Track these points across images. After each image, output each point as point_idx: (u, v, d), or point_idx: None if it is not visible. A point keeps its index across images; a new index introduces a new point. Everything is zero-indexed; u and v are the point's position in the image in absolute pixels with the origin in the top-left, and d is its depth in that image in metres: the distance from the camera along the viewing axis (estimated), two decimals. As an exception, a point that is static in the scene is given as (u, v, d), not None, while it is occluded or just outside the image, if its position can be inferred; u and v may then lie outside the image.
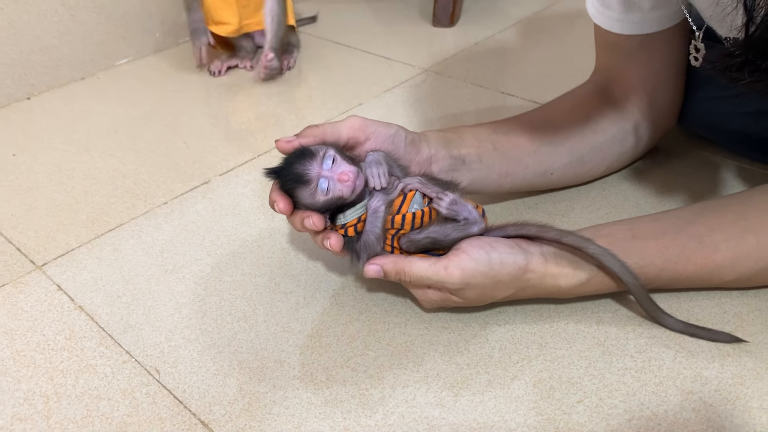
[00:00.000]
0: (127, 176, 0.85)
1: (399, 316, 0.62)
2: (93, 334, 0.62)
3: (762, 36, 0.45)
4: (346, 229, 0.57)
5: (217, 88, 1.08)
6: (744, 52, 0.46)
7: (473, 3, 1.34)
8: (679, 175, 0.78)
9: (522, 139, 0.71)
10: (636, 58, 0.72)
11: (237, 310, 0.64)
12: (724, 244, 0.58)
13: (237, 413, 0.54)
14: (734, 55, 0.47)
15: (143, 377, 0.57)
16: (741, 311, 0.60)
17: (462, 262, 0.55)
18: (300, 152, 0.57)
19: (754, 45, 0.46)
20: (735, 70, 0.47)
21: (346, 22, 1.29)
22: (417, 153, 0.64)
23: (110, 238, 0.74)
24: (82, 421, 0.54)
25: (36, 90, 1.07)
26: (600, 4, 0.72)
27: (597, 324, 0.60)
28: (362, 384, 0.56)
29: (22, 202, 0.82)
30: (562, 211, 0.74)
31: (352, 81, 1.06)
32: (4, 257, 0.72)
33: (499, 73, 1.06)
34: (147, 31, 1.17)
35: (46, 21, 1.05)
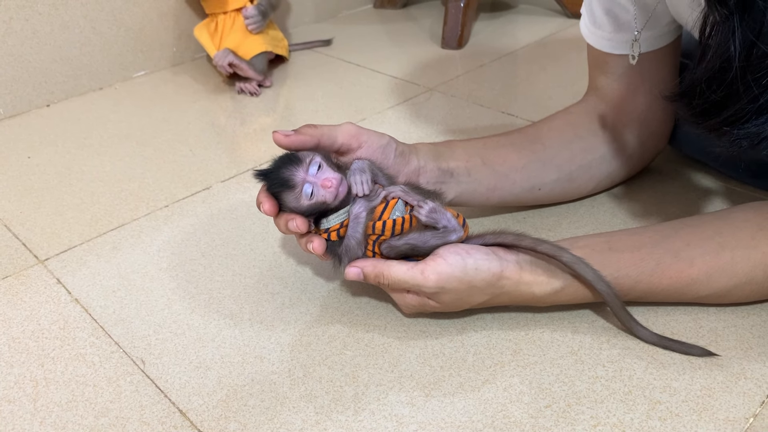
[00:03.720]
0: (132, 180, 0.89)
1: (379, 320, 0.63)
2: (86, 326, 0.64)
3: (698, 75, 0.48)
4: (329, 233, 0.59)
5: (227, 100, 1.11)
6: (686, 88, 0.49)
7: (483, 26, 1.37)
8: (669, 194, 0.79)
9: (511, 155, 0.73)
10: (627, 77, 0.74)
11: (224, 308, 0.66)
12: (700, 259, 0.58)
13: (214, 404, 0.55)
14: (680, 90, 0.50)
15: (129, 367, 0.60)
16: (717, 327, 0.60)
17: (438, 267, 0.57)
18: (288, 157, 0.59)
19: (694, 82, 0.48)
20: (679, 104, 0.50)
21: (360, 43, 1.32)
22: (406, 164, 0.66)
23: (111, 237, 0.77)
24: (66, 405, 0.56)
25: (55, 98, 1.12)
26: (591, 24, 0.74)
27: (572, 333, 0.61)
28: (337, 381, 0.57)
29: (31, 200, 0.85)
30: (549, 225, 0.75)
31: (357, 97, 1.09)
32: (9, 251, 0.76)
33: (501, 93, 1.09)
34: (164, 45, 1.22)
35: (67, 32, 1.10)
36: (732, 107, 0.47)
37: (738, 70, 0.45)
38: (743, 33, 0.44)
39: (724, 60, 0.46)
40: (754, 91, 0.45)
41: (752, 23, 0.44)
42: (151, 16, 1.18)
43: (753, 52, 0.44)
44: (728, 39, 0.45)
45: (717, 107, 0.48)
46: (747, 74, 0.45)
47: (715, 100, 0.48)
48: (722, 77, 0.46)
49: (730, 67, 0.45)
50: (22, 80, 1.07)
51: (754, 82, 0.45)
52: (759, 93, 0.45)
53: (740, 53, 0.45)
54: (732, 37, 0.45)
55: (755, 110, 0.46)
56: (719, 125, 0.48)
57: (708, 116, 0.49)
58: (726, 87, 0.46)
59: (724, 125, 0.48)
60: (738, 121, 0.47)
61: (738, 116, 0.47)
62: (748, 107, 0.46)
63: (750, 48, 0.44)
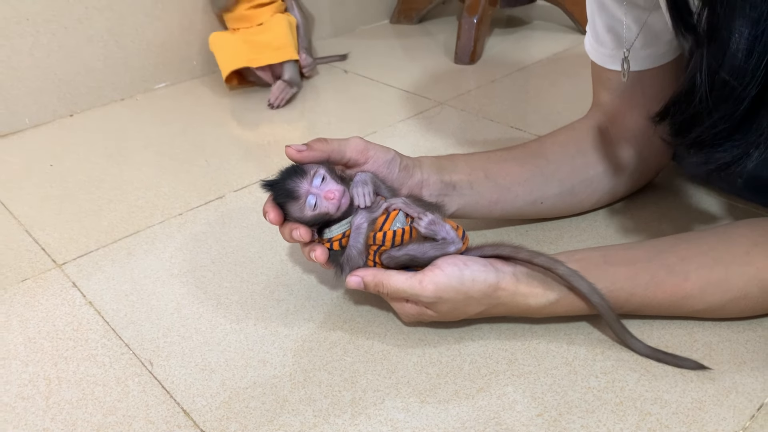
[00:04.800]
0: (149, 188, 0.92)
1: (380, 327, 0.65)
2: (98, 328, 0.67)
3: (672, 97, 0.50)
4: (331, 242, 0.61)
5: (243, 112, 1.14)
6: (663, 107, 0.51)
7: (498, 42, 1.39)
8: (671, 210, 0.80)
9: (514, 169, 0.75)
10: (629, 94, 0.75)
11: (231, 313, 0.68)
12: (694, 274, 0.60)
13: (217, 405, 0.58)
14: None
15: (137, 368, 0.62)
16: (711, 341, 0.61)
17: (436, 277, 0.58)
18: (293, 169, 0.62)
19: (668, 103, 0.50)
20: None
21: (375, 57, 1.35)
22: (410, 177, 0.68)
23: (126, 243, 0.80)
24: (77, 403, 0.59)
25: (78, 108, 1.16)
26: (594, 41, 0.75)
27: (568, 344, 0.62)
28: (336, 386, 0.59)
29: (51, 207, 0.89)
30: (551, 239, 0.77)
31: (370, 111, 1.12)
32: (29, 255, 0.79)
33: (511, 108, 1.10)
34: (185, 58, 1.26)
35: (92, 46, 1.14)
36: (696, 130, 0.49)
37: (703, 95, 0.47)
38: (708, 61, 0.46)
39: (691, 84, 0.48)
40: (714, 117, 0.47)
41: (716, 52, 0.46)
42: (172, 30, 1.22)
43: (716, 79, 0.46)
44: (696, 65, 0.47)
45: (686, 129, 0.50)
46: (709, 100, 0.47)
47: (682, 121, 0.50)
48: (689, 100, 0.49)
49: (695, 91, 0.47)
50: (47, 91, 1.12)
51: (715, 109, 0.47)
52: (717, 119, 0.47)
53: (705, 79, 0.47)
54: (699, 63, 0.47)
55: (715, 136, 0.48)
56: (689, 146, 0.51)
57: (679, 136, 0.51)
58: (692, 110, 0.49)
59: (691, 147, 0.50)
60: (703, 144, 0.49)
61: (702, 139, 0.49)
62: (710, 132, 0.48)
63: (713, 75, 0.46)
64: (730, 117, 0.49)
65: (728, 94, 0.48)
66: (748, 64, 0.46)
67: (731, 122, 0.49)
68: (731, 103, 0.48)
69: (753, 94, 0.47)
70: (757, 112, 0.48)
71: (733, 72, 0.47)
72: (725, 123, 0.49)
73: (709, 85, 0.48)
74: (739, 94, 0.47)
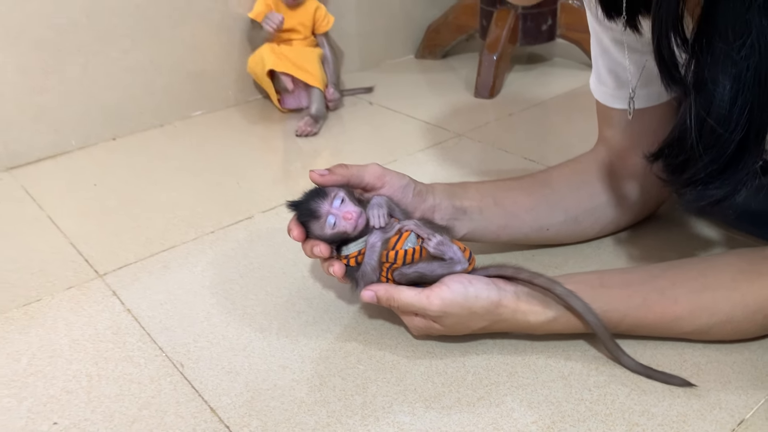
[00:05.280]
0: (184, 208, 0.99)
1: (391, 340, 0.71)
2: (135, 332, 0.74)
3: (667, 140, 0.56)
4: (348, 259, 0.67)
5: (273, 140, 1.22)
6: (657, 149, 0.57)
7: (517, 77, 1.45)
8: (671, 240, 0.84)
9: (521, 197, 0.80)
10: (630, 130, 0.81)
11: (255, 323, 0.74)
12: (684, 297, 0.64)
13: (240, 404, 0.63)
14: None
15: (170, 369, 0.68)
16: (700, 361, 0.65)
17: (442, 293, 0.64)
18: (316, 191, 0.68)
19: (663, 145, 0.56)
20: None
21: (399, 90, 1.42)
22: (422, 201, 0.74)
23: (162, 257, 0.87)
24: (115, 398, 0.65)
25: (120, 132, 1.24)
26: (598, 81, 0.81)
27: (564, 360, 0.67)
28: (349, 391, 0.64)
29: (94, 222, 0.96)
30: (556, 264, 0.82)
31: (391, 140, 1.19)
32: (74, 266, 0.86)
33: (526, 141, 1.16)
34: (221, 87, 1.34)
35: (135, 75, 1.23)
36: (689, 171, 0.55)
37: (693, 140, 0.52)
38: (696, 110, 0.52)
39: (682, 130, 0.53)
40: (704, 160, 0.53)
41: (704, 102, 0.51)
42: (210, 61, 1.31)
43: (704, 126, 0.52)
44: (685, 112, 0.53)
45: (679, 169, 0.55)
46: (699, 144, 0.52)
47: (676, 163, 0.55)
48: (681, 145, 0.54)
49: (686, 137, 0.53)
50: (93, 116, 1.20)
51: (704, 152, 0.52)
52: (707, 161, 0.53)
53: (694, 125, 0.52)
54: (689, 110, 0.52)
55: (707, 176, 0.54)
56: (683, 185, 0.56)
57: (674, 175, 0.56)
58: (684, 153, 0.54)
59: (685, 186, 0.56)
60: (695, 183, 0.55)
61: (694, 179, 0.55)
62: (702, 172, 0.54)
63: (702, 122, 0.52)
64: (719, 159, 0.54)
65: (716, 140, 0.53)
66: (732, 113, 0.52)
67: (720, 164, 0.54)
68: (719, 147, 0.53)
69: (738, 139, 0.53)
70: (743, 154, 0.54)
71: (720, 120, 0.52)
72: (714, 164, 0.54)
73: (698, 131, 0.54)
74: (726, 140, 0.53)
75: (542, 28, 1.38)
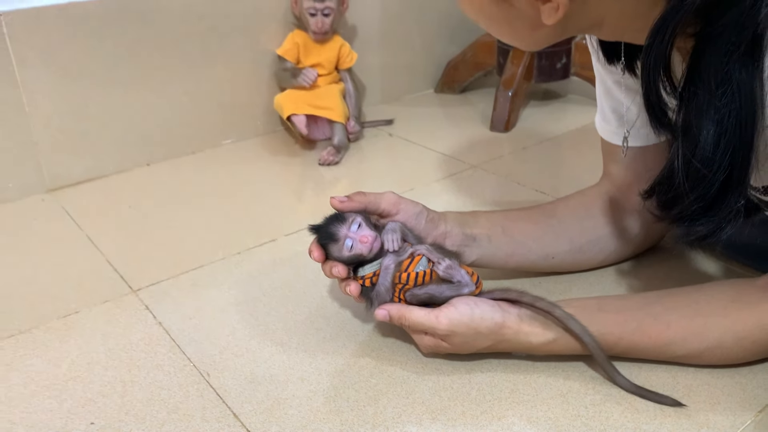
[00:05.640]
0: (213, 230, 1.05)
1: (402, 356, 0.76)
2: (165, 343, 0.80)
3: (656, 179, 0.61)
4: (364, 279, 0.73)
5: (297, 168, 1.29)
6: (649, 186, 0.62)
7: (532, 112, 1.51)
8: (672, 271, 0.89)
9: (529, 226, 0.85)
10: (633, 166, 0.85)
11: (277, 338, 0.80)
12: (676, 323, 0.69)
13: (261, 410, 0.69)
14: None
15: (196, 377, 0.74)
16: (692, 384, 0.70)
17: (450, 313, 0.69)
18: (335, 216, 0.74)
19: (654, 183, 0.61)
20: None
21: (418, 123, 1.49)
22: (435, 228, 0.80)
23: (191, 275, 0.94)
24: (146, 402, 0.71)
25: (155, 158, 1.32)
26: (602, 119, 0.86)
27: (564, 379, 0.71)
28: (361, 402, 0.69)
29: (129, 241, 1.03)
30: (560, 290, 0.86)
31: (409, 170, 1.25)
32: (110, 281, 0.93)
33: (538, 173, 1.21)
34: (250, 118, 1.42)
35: (170, 105, 1.31)
36: (677, 208, 0.60)
37: (680, 179, 0.58)
38: (683, 152, 0.57)
39: (670, 170, 0.58)
40: (690, 198, 0.58)
41: (689, 145, 0.57)
42: (241, 93, 1.38)
43: (690, 166, 0.57)
44: (674, 154, 0.58)
45: (668, 206, 0.60)
46: (686, 183, 0.57)
47: (666, 200, 0.60)
48: (670, 183, 0.59)
49: (674, 176, 0.58)
50: (129, 142, 1.28)
51: (691, 191, 0.57)
52: (693, 199, 0.58)
53: (681, 166, 0.57)
54: (676, 152, 0.57)
55: (693, 213, 0.58)
56: (672, 221, 0.61)
57: (664, 212, 0.61)
58: (672, 191, 0.59)
59: (674, 222, 0.61)
60: (683, 219, 0.60)
61: (682, 216, 0.60)
62: (688, 209, 0.59)
63: (688, 163, 0.57)
64: (704, 198, 0.59)
65: (701, 180, 0.58)
66: (716, 155, 0.57)
67: (705, 202, 0.59)
68: (703, 186, 0.58)
69: (721, 179, 0.58)
70: (726, 193, 0.59)
71: (704, 162, 0.57)
72: (700, 202, 0.59)
73: (684, 171, 0.59)
74: (710, 180, 0.58)
75: (557, 66, 1.44)
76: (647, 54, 0.56)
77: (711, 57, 0.53)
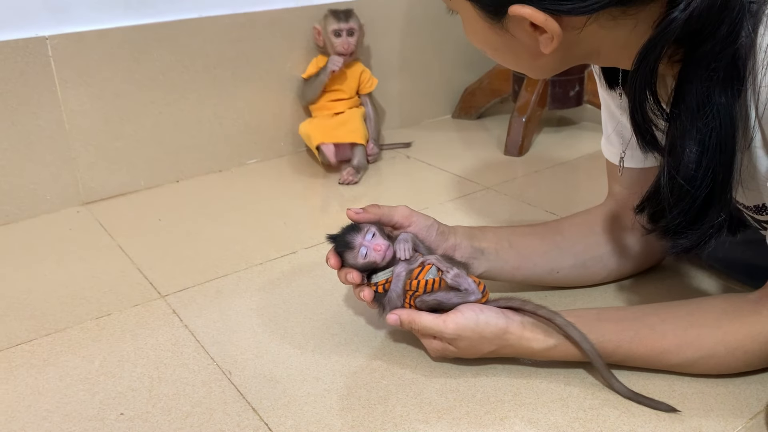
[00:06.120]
0: (237, 242, 1.12)
1: (412, 360, 0.80)
2: (191, 344, 0.85)
3: (645, 194, 0.65)
4: (377, 286, 0.78)
5: (317, 187, 1.35)
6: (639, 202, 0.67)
7: (547, 138, 1.56)
8: (673, 288, 0.92)
9: (535, 242, 0.90)
10: (636, 187, 0.89)
11: (294, 341, 0.85)
12: (671, 333, 0.72)
13: (279, 406, 0.73)
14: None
15: (219, 375, 0.79)
16: (687, 391, 0.73)
17: (456, 318, 0.74)
18: (351, 226, 0.80)
19: (643, 198, 0.66)
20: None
21: (435, 146, 1.55)
22: (445, 241, 0.85)
23: (216, 283, 0.99)
24: (172, 396, 0.76)
25: (184, 176, 1.39)
26: (606, 141, 0.91)
27: (564, 385, 0.75)
28: (372, 401, 0.74)
29: (158, 251, 1.09)
30: (565, 304, 0.90)
31: (424, 190, 1.30)
32: (140, 287, 0.99)
33: (548, 195, 1.26)
34: (274, 139, 1.49)
35: (200, 126, 1.38)
36: (663, 221, 0.64)
37: (666, 194, 0.62)
38: (668, 169, 0.62)
39: (658, 186, 0.63)
40: (674, 212, 0.62)
41: (674, 163, 0.61)
42: (266, 116, 1.46)
43: (674, 183, 0.61)
44: (661, 171, 0.62)
45: (656, 219, 0.65)
46: (671, 199, 0.62)
47: (653, 213, 0.65)
48: (657, 198, 0.64)
49: (661, 191, 0.63)
50: (160, 160, 1.36)
51: (675, 206, 0.62)
52: (677, 213, 0.62)
53: (666, 182, 0.62)
54: (662, 170, 0.62)
55: (677, 227, 0.63)
56: (660, 233, 0.65)
57: (653, 224, 0.66)
58: (659, 205, 0.64)
59: (662, 234, 0.65)
60: (668, 233, 0.64)
61: (668, 229, 0.64)
62: (673, 223, 0.63)
63: (672, 180, 0.62)
64: (687, 212, 0.64)
65: (684, 195, 0.63)
66: (698, 172, 0.61)
67: (689, 216, 0.64)
68: (687, 201, 0.63)
69: (703, 195, 0.62)
70: (708, 209, 0.63)
71: (687, 179, 0.62)
72: (683, 216, 0.64)
73: (669, 187, 0.64)
74: (692, 195, 0.62)
75: (570, 94, 1.50)
76: (633, 78, 0.61)
77: (693, 82, 0.58)
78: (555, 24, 0.59)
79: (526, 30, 0.62)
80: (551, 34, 0.60)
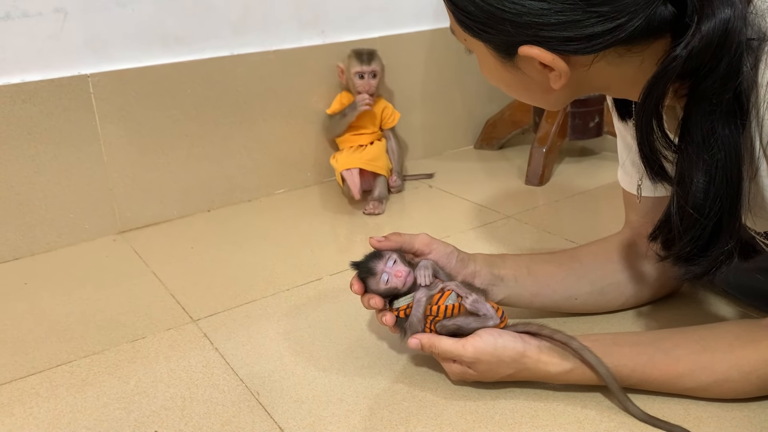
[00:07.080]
0: (266, 269, 1.16)
1: (433, 383, 0.83)
2: (220, 366, 0.89)
3: (657, 223, 0.68)
4: (398, 311, 0.81)
5: (342, 216, 1.39)
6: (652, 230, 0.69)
7: (567, 168, 1.59)
8: (690, 315, 0.94)
9: (553, 269, 0.93)
10: (652, 215, 0.91)
11: (319, 364, 0.88)
12: (685, 357, 0.74)
13: (304, 426, 0.77)
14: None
15: (247, 395, 0.82)
16: (702, 415, 0.75)
17: (475, 342, 0.76)
18: (374, 254, 0.84)
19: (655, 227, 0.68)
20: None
21: (457, 176, 1.58)
22: (464, 268, 0.88)
23: (245, 308, 1.03)
24: (204, 414, 0.79)
25: (215, 205, 1.44)
26: (623, 171, 0.94)
27: (581, 408, 0.77)
28: (394, 421, 0.77)
29: (190, 278, 1.14)
30: (583, 330, 0.92)
31: (446, 219, 1.34)
32: (172, 312, 1.03)
33: (568, 224, 1.29)
34: (301, 170, 1.54)
35: (230, 158, 1.44)
36: (674, 249, 0.67)
37: (676, 223, 0.65)
38: (678, 198, 0.64)
39: (668, 214, 0.66)
40: (684, 240, 0.65)
41: (683, 193, 0.64)
42: (294, 148, 1.51)
43: (684, 212, 0.64)
44: (671, 200, 0.65)
45: (668, 247, 0.68)
46: (681, 227, 0.65)
47: (665, 241, 0.68)
48: (668, 226, 0.66)
49: (671, 220, 0.65)
50: (192, 190, 1.41)
51: (684, 234, 0.65)
52: (687, 241, 0.65)
53: (676, 211, 0.65)
54: (672, 200, 0.65)
55: (688, 254, 0.65)
56: (672, 260, 0.68)
57: (665, 251, 0.69)
58: (670, 233, 0.66)
59: (674, 261, 0.68)
60: (680, 260, 0.67)
61: (679, 256, 0.67)
62: (684, 250, 0.66)
63: (682, 210, 0.64)
64: (697, 240, 0.66)
65: (693, 224, 0.66)
66: (706, 202, 0.64)
67: (699, 243, 0.67)
68: (696, 229, 0.66)
69: (712, 224, 0.65)
70: (718, 236, 0.66)
71: (695, 208, 0.65)
72: (694, 244, 0.67)
73: (679, 216, 0.66)
74: (701, 224, 0.65)
75: (590, 125, 1.53)
76: (639, 113, 0.64)
77: (697, 116, 0.61)
78: (563, 63, 0.63)
79: (536, 68, 0.66)
80: (559, 72, 0.64)
